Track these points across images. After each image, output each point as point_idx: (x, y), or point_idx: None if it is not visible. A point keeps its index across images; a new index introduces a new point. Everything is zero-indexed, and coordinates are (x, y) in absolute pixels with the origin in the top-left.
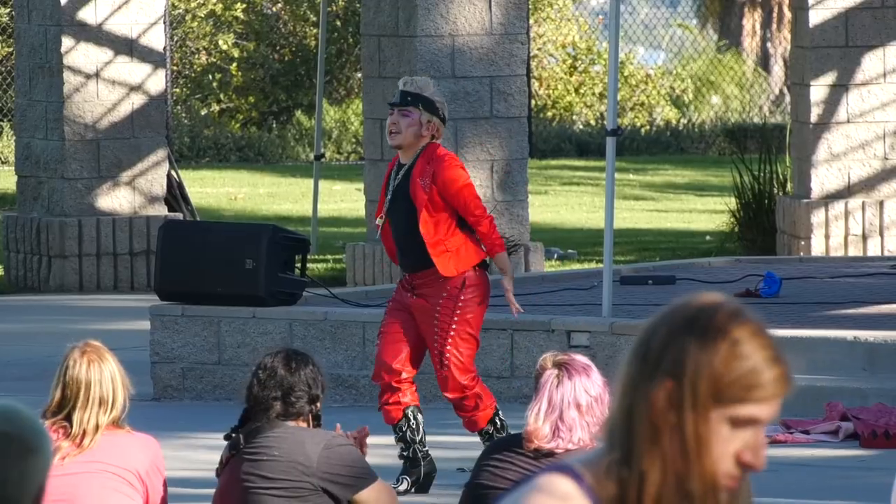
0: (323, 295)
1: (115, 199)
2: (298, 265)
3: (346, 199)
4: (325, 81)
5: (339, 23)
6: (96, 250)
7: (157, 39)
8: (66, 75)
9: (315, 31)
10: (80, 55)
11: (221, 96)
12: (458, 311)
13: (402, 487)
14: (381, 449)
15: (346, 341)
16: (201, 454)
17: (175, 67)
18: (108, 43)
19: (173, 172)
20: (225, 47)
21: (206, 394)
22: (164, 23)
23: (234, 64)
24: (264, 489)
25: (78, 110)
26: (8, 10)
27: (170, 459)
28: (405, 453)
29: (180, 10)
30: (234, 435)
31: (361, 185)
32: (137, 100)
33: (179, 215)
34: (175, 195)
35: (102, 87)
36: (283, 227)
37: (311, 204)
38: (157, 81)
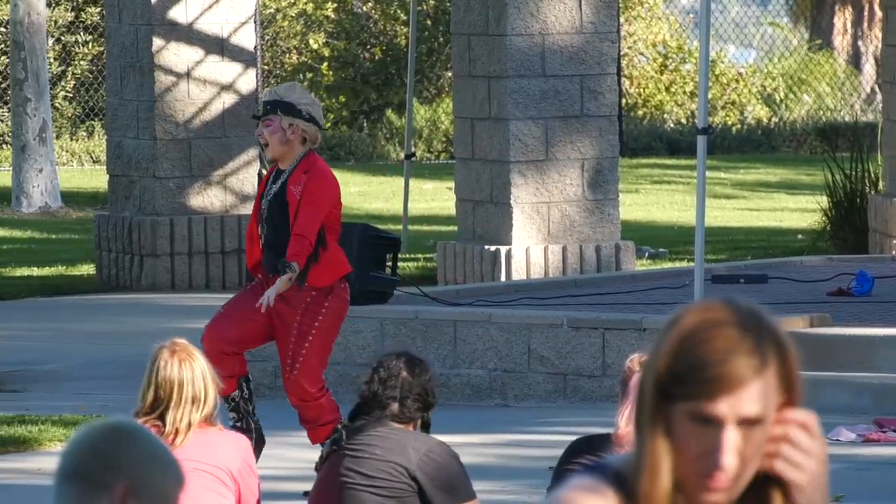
0: (414, 293)
1: (207, 198)
2: (389, 264)
3: (436, 198)
4: (416, 80)
5: (429, 21)
6: (188, 249)
7: (247, 39)
8: (157, 74)
9: (405, 29)
10: (170, 54)
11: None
12: (320, 319)
13: None
14: (474, 448)
15: (436, 340)
16: (293, 452)
17: (266, 67)
18: (199, 42)
19: (264, 172)
20: (315, 46)
21: None
22: (255, 22)
23: (325, 63)
24: (363, 486)
25: (169, 109)
26: (98, 9)
27: (263, 457)
28: (239, 425)
29: (271, 10)
30: (337, 429)
31: (452, 184)
32: (228, 99)
33: None
34: None
35: (193, 87)
36: (373, 225)
37: (401, 203)
38: (247, 81)
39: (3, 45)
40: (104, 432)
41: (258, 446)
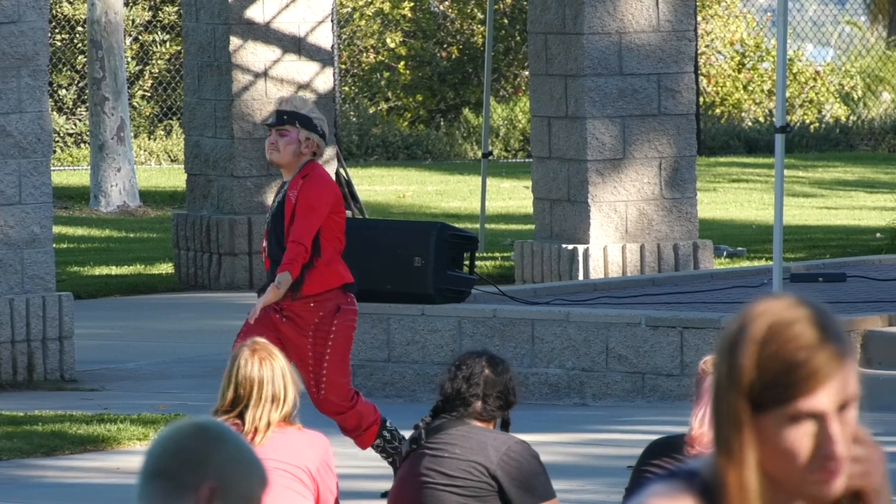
0: (491, 292)
1: None
2: (467, 262)
3: (513, 197)
4: (493, 79)
5: (506, 20)
6: None
7: (324, 38)
8: (235, 73)
9: (482, 28)
10: (248, 53)
11: (389, 94)
12: (332, 339)
13: None
14: (552, 447)
15: (514, 338)
16: (371, 451)
17: (343, 66)
18: (276, 41)
19: (342, 170)
20: (393, 45)
21: (375, 391)
22: (332, 21)
23: (402, 62)
24: (443, 486)
25: (247, 108)
26: (176, 8)
27: (340, 456)
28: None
29: (348, 9)
30: (417, 427)
31: (529, 183)
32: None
33: (348, 213)
34: (344, 193)
35: (271, 86)
36: (451, 224)
37: (479, 201)
38: (325, 80)
39: (81, 45)
40: (191, 432)
41: None
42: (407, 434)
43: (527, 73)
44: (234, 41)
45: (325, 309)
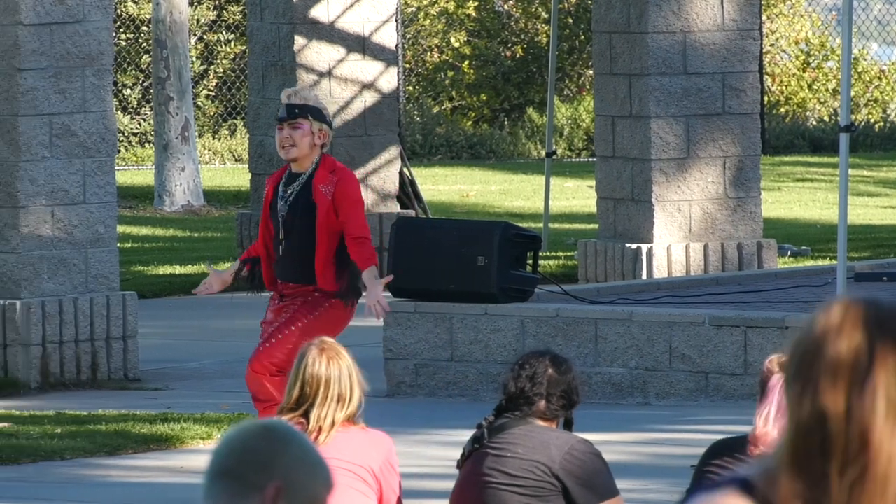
0: (555, 291)
1: None
2: (530, 262)
3: (577, 196)
4: (557, 78)
5: (570, 19)
6: None
7: (388, 37)
8: (300, 73)
9: (546, 27)
10: (312, 53)
11: (453, 94)
12: (314, 315)
13: None
14: (615, 446)
15: (578, 338)
16: (434, 450)
17: (407, 65)
18: (341, 41)
19: (405, 170)
20: (457, 45)
21: (438, 390)
22: (396, 20)
23: (466, 62)
24: (505, 485)
25: None
26: (240, 8)
27: (403, 455)
28: None
29: (412, 8)
30: (480, 426)
31: (593, 182)
32: (370, 97)
33: (412, 213)
34: (407, 192)
35: (335, 85)
36: (514, 223)
37: (542, 201)
38: (389, 79)
39: (145, 44)
40: (258, 432)
41: None
42: (470, 433)
43: (591, 72)
44: (299, 41)
45: (321, 292)
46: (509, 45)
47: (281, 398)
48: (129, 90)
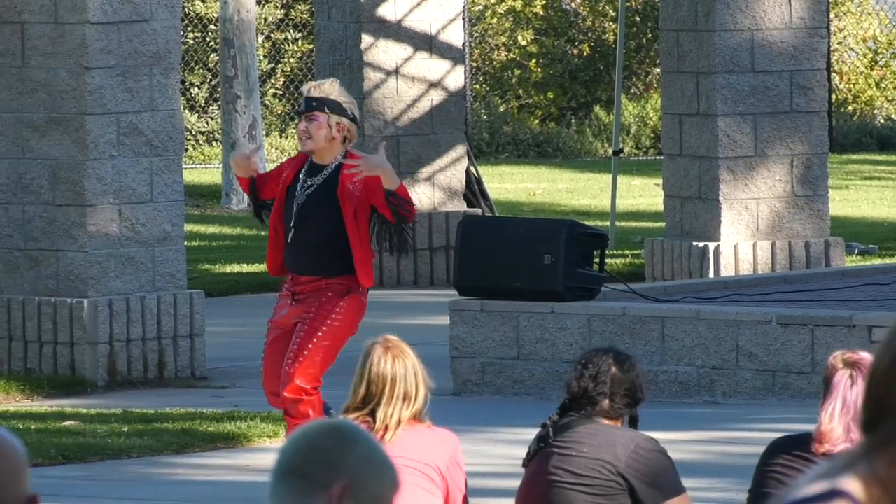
0: (621, 290)
1: (415, 195)
2: (597, 260)
3: (644, 194)
4: (624, 76)
5: (637, 17)
6: None
7: (456, 36)
8: (366, 71)
9: (614, 26)
10: (379, 51)
11: (520, 92)
12: (334, 317)
13: None
14: (682, 445)
15: (644, 336)
16: (501, 449)
17: (474, 63)
18: (408, 39)
19: (472, 168)
20: (524, 43)
21: (505, 389)
22: (463, 19)
23: (533, 60)
24: (571, 484)
25: (378, 106)
26: (308, 6)
27: (469, 454)
28: None
29: (480, 7)
30: (545, 426)
31: (660, 180)
32: (437, 96)
33: (478, 211)
34: (474, 191)
35: (402, 84)
36: (581, 222)
37: (609, 199)
38: (456, 78)
39: (213, 43)
40: (325, 432)
41: None
42: (536, 432)
43: (658, 70)
44: (366, 39)
45: (334, 290)
46: (577, 43)
47: (317, 415)
48: (196, 89)
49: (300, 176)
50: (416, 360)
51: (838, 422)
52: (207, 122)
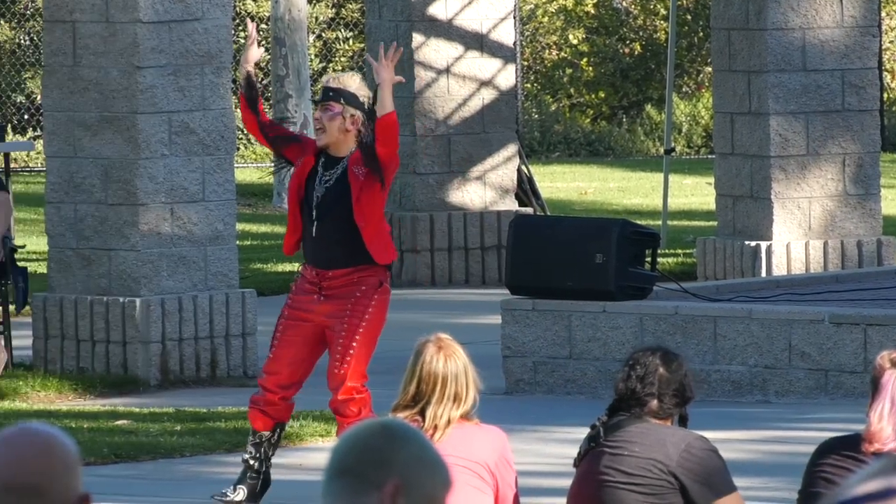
0: (673, 289)
1: (466, 194)
2: (648, 259)
3: (696, 193)
4: (675, 75)
5: (688, 16)
6: (448, 245)
7: (507, 34)
8: (417, 70)
9: (665, 24)
10: (430, 50)
11: (572, 91)
12: (370, 312)
13: (239, 497)
14: (735, 444)
15: (696, 336)
16: (553, 448)
17: (525, 63)
18: (459, 38)
19: (524, 167)
20: (575, 42)
21: (557, 388)
22: (514, 18)
23: (585, 59)
24: (622, 484)
25: (429, 105)
26: (359, 5)
27: (521, 453)
28: (253, 462)
29: (531, 6)
30: (595, 426)
31: (712, 179)
32: (487, 95)
33: (530, 210)
34: (525, 190)
35: (453, 83)
36: (633, 221)
37: (661, 198)
38: (507, 76)
39: (264, 42)
40: (377, 431)
41: (263, 490)
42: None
43: (709, 69)
44: (417, 38)
45: (367, 283)
46: (628, 41)
47: (367, 414)
48: None
49: (318, 168)
50: (468, 361)
51: (887, 421)
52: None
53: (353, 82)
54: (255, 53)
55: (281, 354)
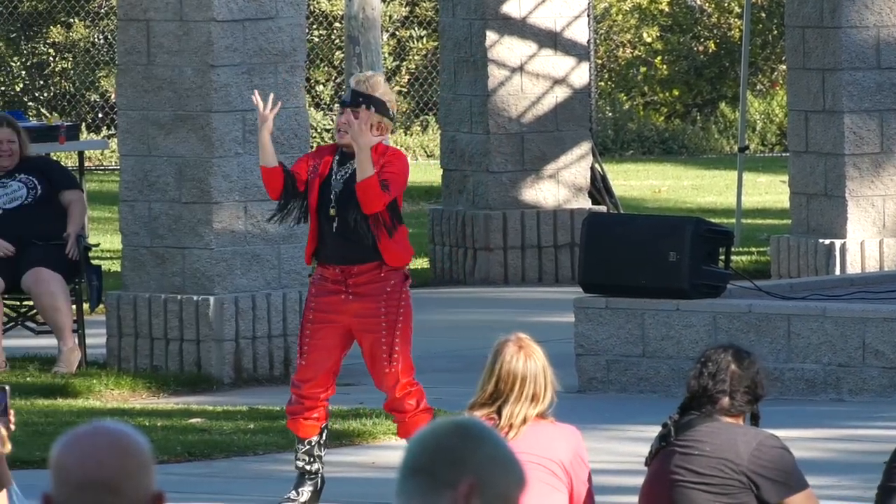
0: (747, 287)
1: (539, 192)
2: (722, 258)
3: (770, 191)
4: (750, 73)
5: (763, 14)
6: (521, 243)
7: (580, 33)
8: (491, 68)
9: (739, 22)
10: (504, 48)
11: (645, 89)
12: (402, 308)
13: (303, 499)
14: (808, 442)
15: (770, 334)
16: (626, 446)
17: (599, 61)
18: (532, 36)
19: (597, 165)
20: (649, 40)
21: (630, 386)
22: (588, 16)
23: (659, 57)
24: (693, 483)
25: (502, 104)
26: (433, 4)
27: (595, 451)
28: (309, 467)
29: (605, 4)
30: (666, 425)
31: (786, 177)
32: (561, 93)
33: (603, 208)
34: (599, 188)
35: (526, 81)
36: (706, 219)
37: (734, 196)
38: (580, 75)
39: (338, 41)
40: (451, 430)
41: (319, 491)
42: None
43: (784, 66)
44: (491, 36)
45: (394, 277)
46: (702, 39)
47: (424, 406)
48: (321, 86)
49: (333, 166)
50: (546, 361)
51: None
52: (332, 120)
53: (381, 86)
54: (270, 127)
55: (314, 359)
